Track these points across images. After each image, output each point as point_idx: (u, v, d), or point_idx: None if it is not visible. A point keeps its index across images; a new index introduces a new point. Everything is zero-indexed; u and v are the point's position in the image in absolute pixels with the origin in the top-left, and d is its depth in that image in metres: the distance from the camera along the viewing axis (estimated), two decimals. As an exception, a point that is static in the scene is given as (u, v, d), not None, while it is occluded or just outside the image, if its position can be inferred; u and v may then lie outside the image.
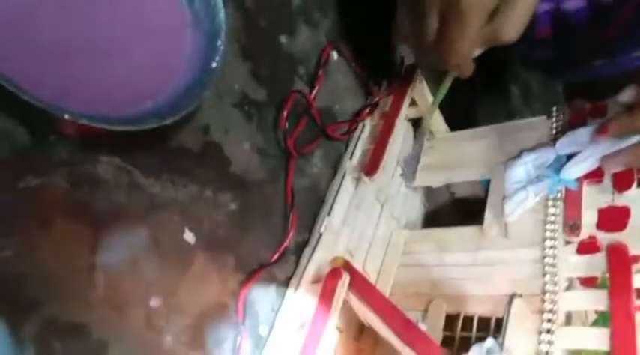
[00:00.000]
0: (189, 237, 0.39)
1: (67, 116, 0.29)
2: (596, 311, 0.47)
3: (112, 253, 0.34)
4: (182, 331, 0.37)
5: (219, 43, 0.36)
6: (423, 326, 0.38)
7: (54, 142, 0.32)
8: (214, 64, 0.36)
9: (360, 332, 0.47)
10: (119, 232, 0.34)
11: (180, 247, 0.38)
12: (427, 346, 0.36)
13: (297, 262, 0.46)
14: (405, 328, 0.37)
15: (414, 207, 0.60)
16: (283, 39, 0.49)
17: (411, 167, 0.56)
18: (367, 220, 0.51)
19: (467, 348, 0.38)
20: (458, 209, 0.63)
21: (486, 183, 0.52)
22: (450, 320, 0.44)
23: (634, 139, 0.41)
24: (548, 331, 0.38)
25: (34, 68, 0.30)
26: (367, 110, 0.55)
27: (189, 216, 0.39)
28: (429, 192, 0.62)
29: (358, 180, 0.51)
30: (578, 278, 0.44)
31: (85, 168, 0.33)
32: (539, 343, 0.38)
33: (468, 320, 0.43)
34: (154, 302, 0.36)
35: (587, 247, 0.42)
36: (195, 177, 0.40)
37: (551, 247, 0.43)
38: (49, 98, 0.29)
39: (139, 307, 0.35)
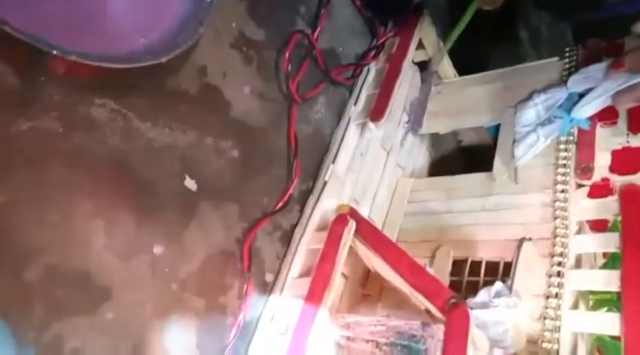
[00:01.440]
0: (190, 184, 0.37)
1: (55, 52, 0.27)
2: (605, 255, 0.46)
3: (111, 199, 0.33)
4: (187, 278, 0.36)
5: (214, -25, 0.34)
6: (430, 271, 0.38)
7: (44, 84, 0.30)
8: (210, -2, 0.34)
9: (365, 278, 0.47)
10: (116, 178, 0.33)
11: (181, 194, 0.37)
12: (436, 289, 0.35)
13: (301, 210, 0.46)
14: (413, 272, 0.37)
15: (420, 155, 0.58)
16: (282, -26, 0.46)
17: (417, 113, 0.54)
18: (372, 168, 0.50)
19: (475, 292, 0.37)
20: (464, 157, 0.62)
21: (494, 130, 0.51)
22: (457, 265, 0.43)
23: None
24: (559, 274, 0.38)
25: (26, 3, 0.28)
26: (372, 53, 0.52)
27: (189, 162, 0.38)
28: (435, 139, 0.60)
29: (363, 127, 0.49)
30: (589, 222, 0.43)
31: (79, 111, 0.32)
32: (549, 286, 0.38)
33: (476, 265, 0.42)
34: (158, 249, 0.35)
35: (599, 190, 0.41)
36: (194, 122, 0.38)
37: (562, 191, 0.42)
38: (37, 32, 0.27)
39: (141, 254, 0.34)
